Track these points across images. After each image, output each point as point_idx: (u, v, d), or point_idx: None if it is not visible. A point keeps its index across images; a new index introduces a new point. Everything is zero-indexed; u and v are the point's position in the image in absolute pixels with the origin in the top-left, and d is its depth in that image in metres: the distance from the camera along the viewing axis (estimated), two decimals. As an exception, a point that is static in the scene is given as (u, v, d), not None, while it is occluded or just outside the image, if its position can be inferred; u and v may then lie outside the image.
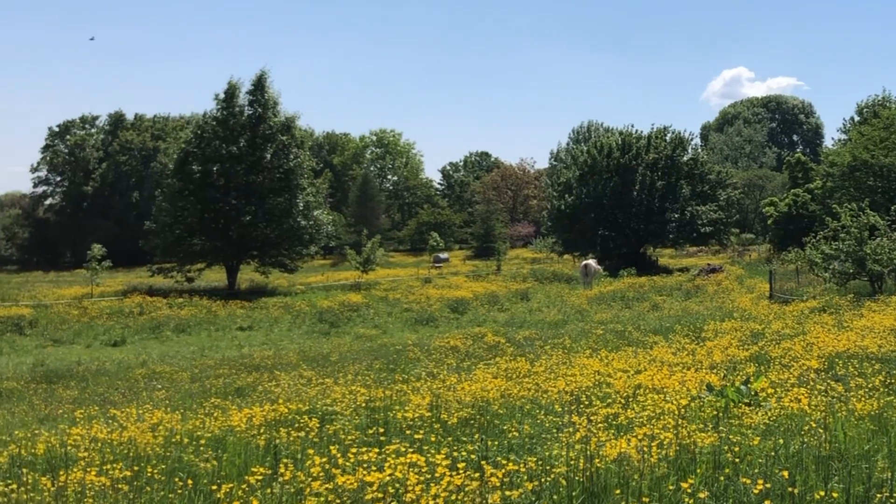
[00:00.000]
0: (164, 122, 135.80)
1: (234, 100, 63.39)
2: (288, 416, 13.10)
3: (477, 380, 16.52)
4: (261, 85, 63.81)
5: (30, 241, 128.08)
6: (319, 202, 68.02)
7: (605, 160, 73.60)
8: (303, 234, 63.70)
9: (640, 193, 71.21)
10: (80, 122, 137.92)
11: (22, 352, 37.34)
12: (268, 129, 62.88)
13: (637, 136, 75.58)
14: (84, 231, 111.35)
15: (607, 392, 13.02)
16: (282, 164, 62.73)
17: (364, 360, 27.51)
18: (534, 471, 8.08)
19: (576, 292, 50.83)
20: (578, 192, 73.80)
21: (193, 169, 61.64)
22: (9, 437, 13.36)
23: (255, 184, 61.38)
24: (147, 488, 8.64)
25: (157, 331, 42.30)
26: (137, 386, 24.96)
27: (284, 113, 64.67)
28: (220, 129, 62.30)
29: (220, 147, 61.50)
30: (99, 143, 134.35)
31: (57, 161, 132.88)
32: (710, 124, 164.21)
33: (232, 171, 61.21)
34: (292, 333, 41.48)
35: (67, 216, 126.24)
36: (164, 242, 62.33)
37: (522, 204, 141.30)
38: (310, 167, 66.71)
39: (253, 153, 61.94)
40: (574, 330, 32.19)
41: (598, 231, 71.10)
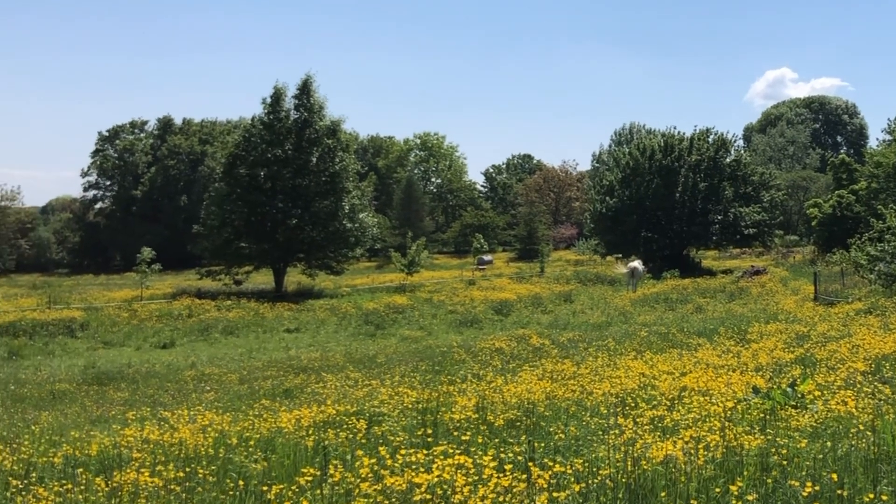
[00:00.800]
0: (211, 126, 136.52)
1: (280, 104, 63.65)
2: (336, 417, 13.13)
3: (522, 381, 16.51)
4: (306, 89, 64.03)
5: (80, 244, 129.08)
6: (364, 205, 68.20)
7: (648, 162, 73.14)
8: (348, 236, 63.82)
9: (682, 195, 70.72)
10: (130, 127, 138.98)
11: (74, 354, 37.70)
12: (313, 132, 63.05)
13: (679, 137, 75.03)
14: (133, 235, 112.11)
15: (652, 394, 12.95)
16: (327, 168, 62.87)
17: (410, 361, 27.56)
18: (580, 472, 8.07)
19: (619, 294, 50.60)
20: (621, 194, 73.43)
21: (241, 173, 62.01)
22: (62, 437, 13.47)
23: (301, 187, 61.59)
24: (199, 489, 8.69)
25: (205, 333, 42.54)
26: (187, 388, 25.14)
27: (330, 117, 64.90)
28: (267, 133, 62.59)
29: (267, 151, 61.78)
30: (148, 147, 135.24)
31: (107, 165, 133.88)
32: (753, 126, 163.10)
33: (278, 175, 61.47)
34: (339, 335, 41.59)
35: (117, 220, 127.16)
36: (212, 245, 62.75)
37: (565, 206, 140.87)
38: (355, 170, 66.86)
39: (299, 157, 62.16)
40: (618, 332, 32.05)
41: (640, 233, 70.66)
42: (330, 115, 64.88)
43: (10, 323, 42.38)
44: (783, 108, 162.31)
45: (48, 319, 43.32)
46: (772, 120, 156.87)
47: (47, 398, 24.59)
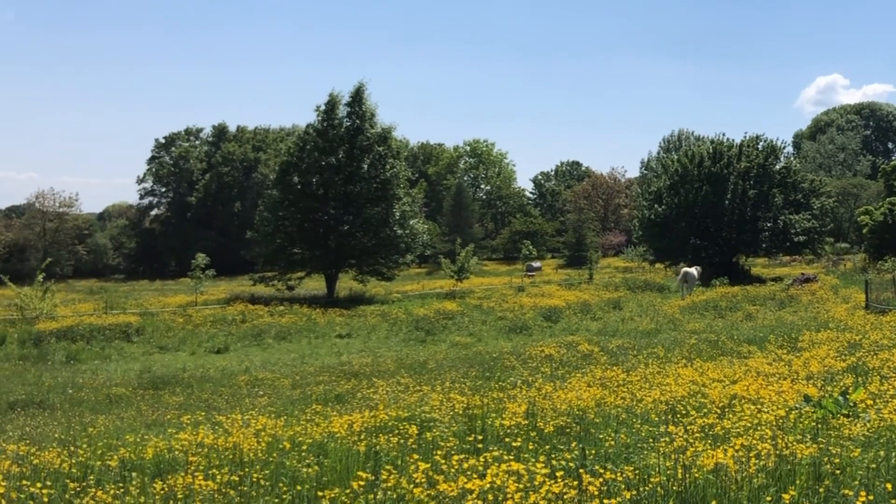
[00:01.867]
0: (264, 133, 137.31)
1: (334, 111, 63.80)
2: (388, 422, 13.15)
3: (572, 388, 16.45)
4: (359, 97, 64.14)
5: (136, 250, 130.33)
6: (415, 212, 68.19)
7: (696, 169, 72.51)
8: (399, 242, 63.88)
9: (731, 202, 70.04)
10: (185, 134, 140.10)
11: (130, 358, 38.00)
12: (365, 140, 63.14)
13: (728, 144, 74.29)
14: (188, 241, 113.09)
15: (702, 402, 12.85)
16: (379, 175, 62.95)
17: (460, 367, 27.53)
18: (631, 480, 8.03)
19: (668, 301, 50.23)
20: (669, 201, 72.87)
21: (293, 180, 62.25)
22: (119, 441, 13.57)
23: (352, 194, 61.72)
24: (253, 493, 8.73)
25: (258, 338, 42.69)
26: (240, 392, 25.29)
27: (381, 124, 64.87)
28: (320, 140, 62.80)
29: (320, 158, 61.98)
30: (202, 154, 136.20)
31: (162, 172, 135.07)
32: (803, 132, 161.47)
33: (331, 182, 61.63)
34: (389, 341, 41.61)
35: (172, 226, 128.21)
36: (265, 251, 63.09)
37: (613, 213, 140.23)
38: (406, 177, 66.84)
39: (351, 164, 62.28)
40: (667, 339, 31.84)
41: (689, 240, 70.07)
42: (381, 122, 65.01)
43: (68, 327, 42.79)
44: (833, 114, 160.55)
45: (105, 324, 43.68)
46: (822, 126, 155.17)
47: (104, 402, 24.81)
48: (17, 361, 36.48)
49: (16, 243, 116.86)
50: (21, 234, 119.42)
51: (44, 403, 24.57)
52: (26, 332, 42.35)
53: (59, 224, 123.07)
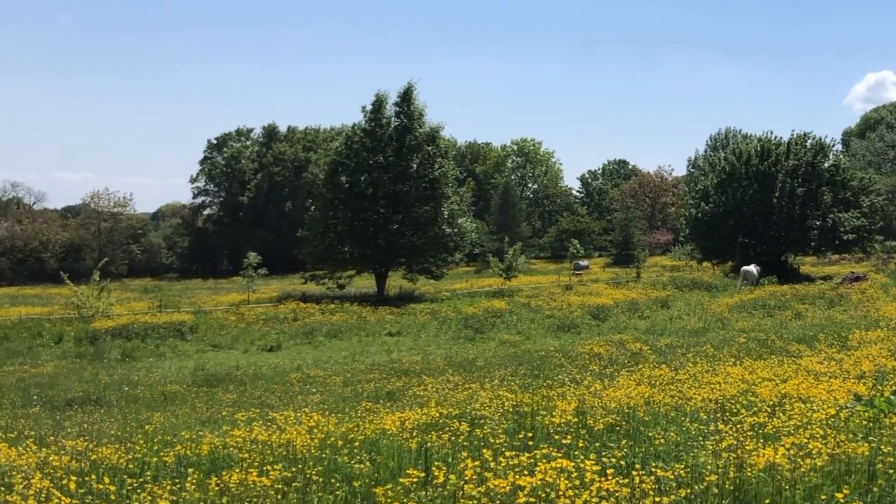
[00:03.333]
0: (314, 133, 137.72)
1: (381, 111, 63.91)
2: (438, 419, 13.17)
3: (620, 386, 16.37)
4: (407, 97, 64.17)
5: (189, 249, 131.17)
6: (463, 210, 68.14)
7: (744, 167, 71.85)
8: (448, 241, 63.88)
9: (780, 200, 69.35)
10: (236, 135, 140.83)
11: (184, 356, 38.33)
12: (414, 139, 63.18)
13: (776, 142, 73.54)
14: (240, 240, 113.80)
15: (752, 400, 12.74)
16: (427, 174, 62.99)
17: (509, 365, 27.50)
18: (682, 478, 7.98)
19: (716, 300, 49.83)
20: (717, 199, 72.29)
21: (343, 179, 62.36)
22: (174, 437, 13.68)
23: (401, 193, 61.80)
24: (306, 489, 8.77)
25: (310, 336, 42.87)
26: (293, 390, 25.40)
27: (429, 123, 64.94)
28: (368, 140, 62.90)
29: (368, 157, 62.10)
30: (254, 154, 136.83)
31: (215, 172, 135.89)
32: (852, 130, 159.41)
33: (380, 181, 61.74)
34: (439, 339, 41.64)
35: (224, 225, 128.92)
36: (315, 250, 63.29)
37: (661, 212, 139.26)
38: (454, 176, 66.75)
39: (399, 163, 62.35)
40: (715, 338, 31.60)
41: (737, 238, 69.48)
42: (429, 121, 65.07)
43: (123, 326, 43.22)
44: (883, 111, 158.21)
45: (159, 323, 44.08)
46: (871, 124, 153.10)
47: (159, 399, 25.04)
48: (74, 359, 36.93)
49: (72, 243, 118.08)
50: (77, 234, 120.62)
51: (100, 400, 24.86)
52: (83, 330, 42.85)
53: (113, 224, 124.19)
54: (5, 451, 11.57)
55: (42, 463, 10.69)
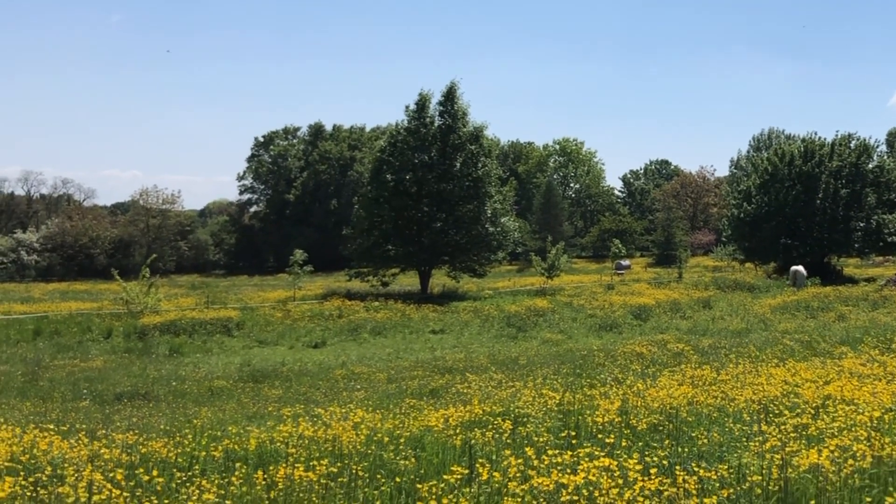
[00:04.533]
0: (359, 132, 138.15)
1: (424, 111, 64.05)
2: (482, 417, 13.18)
3: (663, 386, 16.31)
4: (451, 96, 64.23)
5: (236, 246, 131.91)
6: (506, 209, 68.06)
7: (787, 168, 71.29)
8: (491, 240, 63.86)
9: (823, 202, 68.75)
10: (283, 133, 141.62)
11: (230, 352, 38.55)
12: (457, 138, 63.22)
13: (820, 143, 72.91)
14: (286, 237, 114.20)
15: (795, 402, 12.65)
16: (471, 173, 63.00)
17: (551, 364, 27.46)
18: (726, 478, 7.96)
19: (759, 301, 49.45)
20: (759, 200, 71.78)
21: (387, 178, 62.54)
22: (221, 432, 13.77)
23: (445, 192, 61.88)
24: (352, 485, 8.82)
25: (354, 333, 43.00)
26: (338, 386, 25.52)
27: (472, 123, 64.96)
28: (412, 139, 63.08)
29: (413, 156, 62.25)
30: (300, 153, 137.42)
31: (261, 170, 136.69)
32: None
33: (424, 180, 61.85)
34: (482, 337, 41.64)
35: (271, 223, 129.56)
36: (360, 248, 63.45)
37: (703, 212, 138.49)
38: (497, 175, 66.71)
39: (443, 162, 62.47)
40: (758, 339, 31.40)
41: (779, 239, 68.95)
42: (472, 121, 65.11)
43: (171, 321, 43.53)
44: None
45: (206, 318, 44.35)
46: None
47: (206, 394, 25.23)
48: (123, 354, 37.25)
49: (121, 239, 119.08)
50: (126, 231, 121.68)
51: (148, 395, 25.05)
52: (131, 325, 43.22)
53: (161, 221, 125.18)
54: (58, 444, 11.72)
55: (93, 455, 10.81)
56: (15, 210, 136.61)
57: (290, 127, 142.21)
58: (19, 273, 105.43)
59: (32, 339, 41.08)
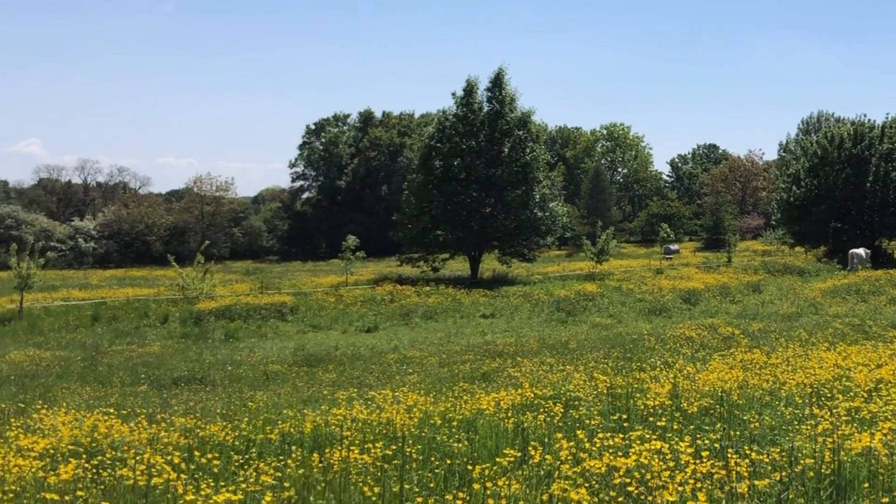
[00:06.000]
0: (409, 119, 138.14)
1: (472, 97, 64.00)
2: (533, 400, 13.21)
3: (713, 370, 16.24)
4: (499, 82, 64.12)
5: (289, 232, 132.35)
6: (554, 194, 67.86)
7: (836, 151, 70.41)
8: (539, 225, 63.71)
9: (873, 185, 67.81)
10: (334, 120, 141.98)
11: (284, 336, 38.78)
12: (505, 124, 63.10)
13: (870, 126, 71.87)
14: (338, 223, 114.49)
15: (847, 385, 12.54)
16: (519, 158, 62.88)
17: (601, 348, 27.41)
18: (778, 462, 7.92)
19: (809, 285, 49.03)
20: (808, 183, 70.99)
21: (436, 164, 62.59)
22: (277, 416, 13.88)
23: (494, 177, 61.77)
24: (407, 466, 8.87)
25: (406, 317, 43.11)
26: (390, 370, 25.60)
27: (520, 108, 64.83)
28: (461, 125, 63.06)
29: (461, 142, 62.18)
30: (350, 139, 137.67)
31: (313, 157, 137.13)
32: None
33: (472, 165, 61.78)
34: (532, 321, 41.58)
35: (323, 209, 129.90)
36: (410, 234, 63.58)
37: (751, 196, 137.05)
38: (545, 160, 66.54)
39: (492, 147, 62.35)
40: (808, 323, 31.17)
41: (829, 223, 68.22)
42: (520, 106, 65.01)
43: (226, 307, 43.89)
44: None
45: (261, 304, 44.64)
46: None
47: (261, 378, 25.40)
48: (179, 339, 37.61)
49: (176, 226, 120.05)
50: (181, 218, 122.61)
51: (205, 379, 25.30)
52: (187, 311, 43.61)
53: (215, 207, 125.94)
54: (118, 428, 11.89)
55: (152, 439, 10.96)
56: (72, 198, 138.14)
57: (340, 114, 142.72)
58: (77, 260, 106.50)
59: (91, 324, 41.59)
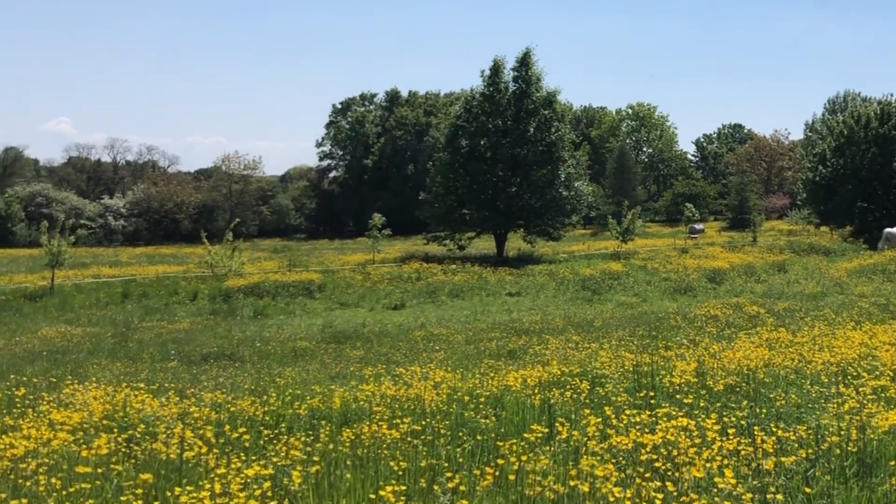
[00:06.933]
0: (435, 98, 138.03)
1: (498, 76, 63.94)
2: (560, 377, 13.22)
3: (739, 348, 16.20)
4: (525, 62, 64.00)
5: (316, 211, 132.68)
6: (580, 174, 67.69)
7: (863, 131, 69.94)
8: (565, 204, 63.60)
9: (901, 165, 67.52)
10: (360, 100, 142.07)
11: (312, 314, 38.87)
12: (531, 103, 62.99)
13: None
14: (364, 202, 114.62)
15: (874, 364, 12.48)
16: (544, 138, 62.77)
17: (626, 326, 27.37)
18: (804, 439, 7.92)
19: (835, 265, 48.73)
20: (834, 163, 70.64)
21: (462, 143, 62.60)
22: (306, 392, 13.95)
23: (519, 156, 61.72)
24: (435, 442, 8.91)
25: (433, 295, 43.11)
26: (417, 347, 25.64)
27: (546, 88, 64.69)
28: (487, 104, 62.99)
29: (487, 122, 62.12)
30: (377, 118, 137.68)
31: (340, 136, 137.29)
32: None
33: (498, 145, 61.73)
34: (557, 299, 41.52)
35: (350, 188, 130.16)
36: (437, 212, 63.68)
37: (777, 175, 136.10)
38: (570, 140, 66.38)
39: (517, 127, 62.27)
40: (834, 302, 31.02)
41: (855, 203, 67.87)
42: (546, 86, 64.89)
43: (254, 284, 44.06)
44: None
45: (289, 281, 44.76)
46: None
47: (289, 355, 25.49)
48: (208, 316, 37.77)
49: (204, 204, 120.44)
50: (209, 196, 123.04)
51: (234, 356, 25.41)
52: (216, 288, 43.81)
53: (244, 186, 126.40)
54: (149, 402, 11.99)
55: (183, 413, 11.05)
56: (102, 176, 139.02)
57: (366, 93, 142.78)
58: (107, 238, 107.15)
59: (121, 301, 41.85)
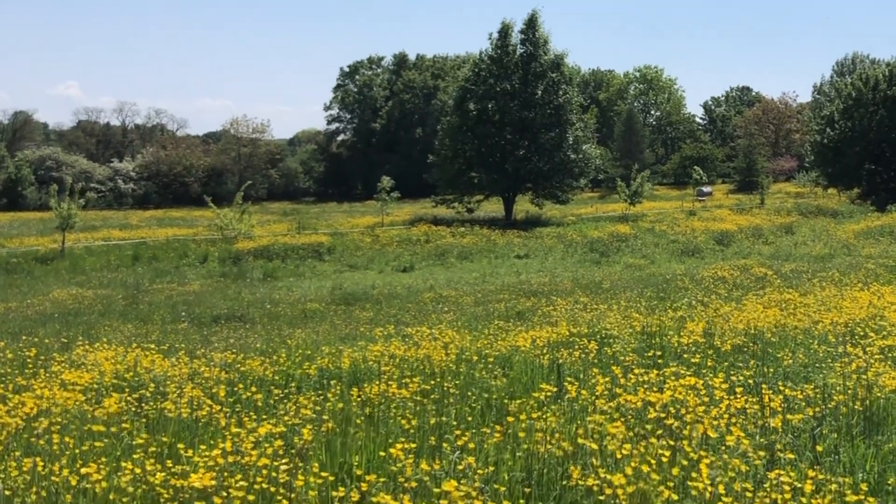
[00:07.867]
0: (442, 61, 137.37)
1: (507, 39, 63.74)
2: (568, 338, 13.23)
3: (747, 309, 16.19)
4: (533, 24, 63.76)
5: (325, 174, 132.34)
6: (587, 137, 67.63)
7: (871, 93, 69.55)
8: (573, 167, 63.56)
9: (908, 127, 67.19)
10: (368, 63, 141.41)
11: (322, 276, 38.96)
12: (539, 66, 62.84)
13: (905, 68, 71.08)
14: (373, 165, 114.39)
15: (881, 325, 12.46)
16: (552, 101, 62.65)
17: (634, 288, 27.38)
18: (811, 398, 7.92)
19: (842, 227, 48.67)
20: (842, 125, 70.31)
21: (470, 106, 62.49)
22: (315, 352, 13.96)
23: (527, 119, 61.62)
24: (444, 401, 8.93)
25: (441, 258, 43.17)
26: (426, 308, 25.69)
27: (554, 50, 64.51)
28: (495, 67, 62.83)
29: (495, 85, 61.99)
30: (385, 82, 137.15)
31: (348, 100, 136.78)
32: None
33: (506, 108, 61.61)
34: (565, 262, 41.56)
35: (358, 151, 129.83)
36: (445, 175, 63.70)
37: (784, 138, 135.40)
38: (578, 103, 66.28)
39: (525, 90, 62.12)
40: (842, 264, 31.00)
41: (863, 165, 67.63)
42: (553, 48, 64.65)
43: (264, 247, 44.14)
44: None
45: (298, 244, 44.86)
46: None
47: (299, 317, 25.57)
48: (219, 278, 37.87)
49: (213, 168, 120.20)
50: (218, 160, 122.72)
51: (244, 317, 25.47)
52: (226, 251, 43.89)
53: (252, 149, 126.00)
54: (159, 363, 12.03)
55: (193, 373, 11.08)
56: (111, 140, 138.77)
57: (374, 57, 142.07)
58: (117, 201, 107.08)
59: (131, 264, 41.96)
